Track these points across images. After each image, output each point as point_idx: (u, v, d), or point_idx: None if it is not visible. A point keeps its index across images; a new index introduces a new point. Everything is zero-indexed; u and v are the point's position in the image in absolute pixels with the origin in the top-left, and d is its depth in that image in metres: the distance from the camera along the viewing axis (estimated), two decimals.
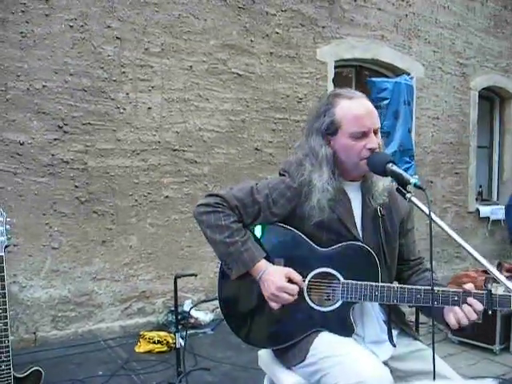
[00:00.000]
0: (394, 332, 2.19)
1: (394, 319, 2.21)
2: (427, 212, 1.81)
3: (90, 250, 4.94)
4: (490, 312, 1.95)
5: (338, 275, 2.06)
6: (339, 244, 2.08)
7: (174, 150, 5.31)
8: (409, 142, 6.07)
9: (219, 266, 2.18)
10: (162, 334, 4.74)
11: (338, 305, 2.05)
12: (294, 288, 2.03)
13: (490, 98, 8.69)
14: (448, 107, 7.59)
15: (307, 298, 2.08)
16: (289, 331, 2.10)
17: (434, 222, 1.79)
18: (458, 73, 7.69)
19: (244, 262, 2.06)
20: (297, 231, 2.12)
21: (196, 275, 4.00)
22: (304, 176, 2.11)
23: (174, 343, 3.88)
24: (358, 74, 6.87)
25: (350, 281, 2.04)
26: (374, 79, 6.01)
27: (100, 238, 4.98)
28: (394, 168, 1.94)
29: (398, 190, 1.93)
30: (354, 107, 2.06)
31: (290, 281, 2.04)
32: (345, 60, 6.55)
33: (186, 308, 5.16)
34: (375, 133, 2.07)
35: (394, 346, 2.13)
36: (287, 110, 5.99)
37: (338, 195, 2.10)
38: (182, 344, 4.18)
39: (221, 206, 2.11)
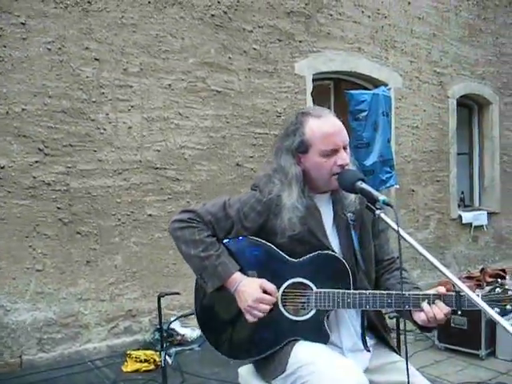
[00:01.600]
0: (371, 342, 2.23)
1: (374, 327, 2.25)
2: (396, 228, 1.84)
3: (75, 271, 4.94)
4: (459, 312, 2.01)
5: (311, 284, 2.10)
6: (310, 254, 2.12)
7: (156, 169, 5.34)
8: (388, 152, 6.14)
9: (195, 280, 2.22)
10: (149, 352, 4.75)
11: (311, 314, 2.09)
12: (270, 299, 2.08)
13: (468, 105, 8.80)
14: (427, 116, 7.68)
15: (282, 309, 2.12)
16: (266, 342, 2.13)
17: (403, 238, 1.82)
18: (435, 82, 7.79)
19: (219, 276, 2.11)
20: (269, 244, 2.16)
21: (179, 293, 4.02)
22: (273, 193, 2.16)
23: (161, 361, 3.89)
24: (336, 87, 6.95)
25: (322, 289, 2.08)
26: (351, 91, 6.08)
27: (84, 258, 4.99)
28: (364, 186, 1.98)
29: (367, 207, 1.97)
30: (323, 126, 2.11)
31: (265, 291, 2.09)
32: (323, 73, 6.62)
33: (173, 325, 5.16)
34: (344, 148, 2.13)
35: (369, 350, 2.16)
36: (267, 125, 6.05)
37: (308, 211, 2.14)
38: (170, 362, 4.18)
39: (195, 221, 2.16)
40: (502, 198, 8.86)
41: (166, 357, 3.89)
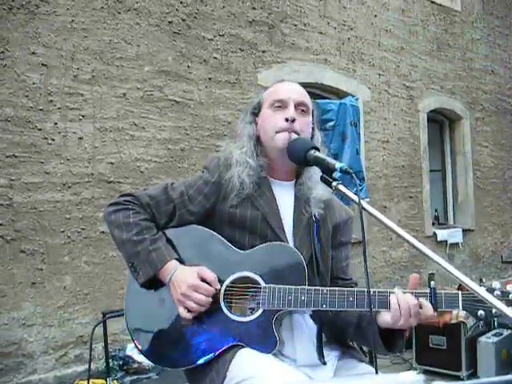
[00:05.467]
0: (335, 353, 1.91)
1: (335, 338, 1.92)
2: (356, 200, 1.59)
3: (19, 294, 4.50)
4: (435, 313, 1.72)
5: (259, 279, 1.78)
6: (261, 245, 1.83)
7: (109, 182, 4.98)
8: (358, 164, 5.89)
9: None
10: (98, 381, 4.32)
11: (258, 314, 1.76)
12: (208, 288, 1.77)
13: (439, 120, 8.68)
14: (397, 130, 7.49)
15: (224, 307, 1.79)
16: (202, 347, 1.79)
17: (365, 209, 1.57)
18: (404, 95, 7.63)
19: (152, 263, 1.82)
20: (215, 233, 1.87)
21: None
22: (221, 162, 1.97)
23: None
24: None
25: (271, 285, 1.76)
26: (317, 101, 5.84)
27: (29, 279, 4.55)
28: (317, 154, 1.72)
29: (322, 178, 1.69)
30: (279, 84, 2.05)
31: (203, 280, 1.78)
32: None
33: (129, 352, 4.76)
34: (298, 108, 1.93)
35: (325, 363, 1.83)
36: (229, 138, 5.74)
37: (261, 184, 1.91)
38: None
39: (131, 203, 1.91)
40: (477, 214, 8.69)
41: None
